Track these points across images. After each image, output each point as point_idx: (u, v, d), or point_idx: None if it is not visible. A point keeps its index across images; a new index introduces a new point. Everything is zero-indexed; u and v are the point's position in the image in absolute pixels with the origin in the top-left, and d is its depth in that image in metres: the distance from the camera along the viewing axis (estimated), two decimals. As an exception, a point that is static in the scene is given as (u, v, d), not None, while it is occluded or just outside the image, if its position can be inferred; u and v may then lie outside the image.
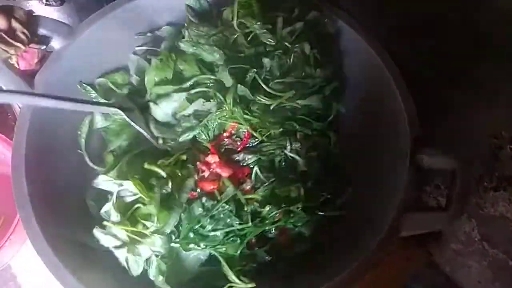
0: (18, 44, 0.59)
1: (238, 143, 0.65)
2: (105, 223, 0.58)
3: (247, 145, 0.64)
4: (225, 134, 0.64)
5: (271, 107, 0.61)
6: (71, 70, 0.65)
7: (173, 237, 0.59)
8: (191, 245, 0.58)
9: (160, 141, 0.64)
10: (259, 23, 0.61)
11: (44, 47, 0.65)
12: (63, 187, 0.62)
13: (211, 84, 0.61)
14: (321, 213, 0.62)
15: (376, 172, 0.62)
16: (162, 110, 0.64)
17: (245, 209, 0.59)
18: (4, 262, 0.77)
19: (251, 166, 0.62)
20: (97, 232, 0.58)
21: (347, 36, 0.66)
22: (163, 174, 0.59)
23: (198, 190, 0.61)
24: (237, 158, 0.63)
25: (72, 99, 0.56)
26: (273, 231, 0.61)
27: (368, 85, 0.66)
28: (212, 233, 0.58)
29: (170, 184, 0.58)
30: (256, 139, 0.64)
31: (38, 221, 0.54)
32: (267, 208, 0.59)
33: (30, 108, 0.60)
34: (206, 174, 0.61)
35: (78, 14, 0.86)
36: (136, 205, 0.58)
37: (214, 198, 0.59)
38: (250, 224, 0.58)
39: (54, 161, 0.62)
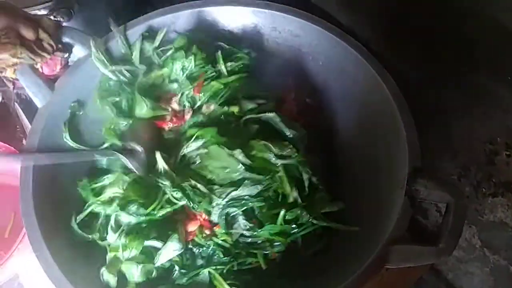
0: (44, 54, 0.62)
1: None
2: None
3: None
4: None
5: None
6: (90, 78, 0.68)
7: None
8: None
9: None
10: None
11: (67, 55, 0.69)
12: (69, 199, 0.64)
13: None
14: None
15: (370, 199, 0.61)
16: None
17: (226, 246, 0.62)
18: (12, 272, 0.79)
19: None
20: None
21: (354, 61, 0.66)
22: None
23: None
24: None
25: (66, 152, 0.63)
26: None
27: (372, 112, 0.66)
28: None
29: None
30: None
31: (42, 231, 0.57)
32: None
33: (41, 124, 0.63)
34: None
35: (89, 28, 0.89)
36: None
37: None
38: (238, 251, 0.61)
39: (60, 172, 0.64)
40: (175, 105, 0.68)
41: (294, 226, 0.61)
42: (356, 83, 0.67)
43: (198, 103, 0.68)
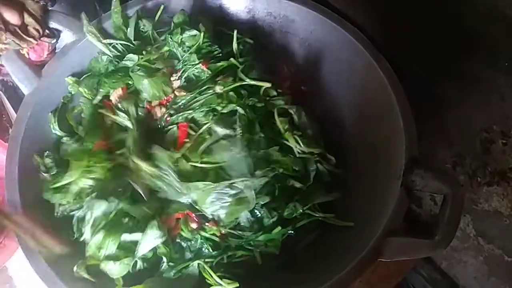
0: (30, 39, 0.60)
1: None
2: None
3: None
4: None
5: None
6: (78, 64, 0.67)
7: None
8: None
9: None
10: None
11: (54, 40, 0.67)
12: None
13: None
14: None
15: (367, 190, 0.61)
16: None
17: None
18: (0, 264, 0.77)
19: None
20: None
21: (350, 47, 0.65)
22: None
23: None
24: None
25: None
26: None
27: (368, 99, 0.65)
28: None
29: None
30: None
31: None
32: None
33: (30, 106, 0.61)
34: None
35: (74, 12, 0.86)
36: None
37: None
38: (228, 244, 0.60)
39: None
40: (175, 82, 0.65)
41: (289, 228, 0.60)
42: (353, 70, 0.66)
43: (205, 78, 0.65)
